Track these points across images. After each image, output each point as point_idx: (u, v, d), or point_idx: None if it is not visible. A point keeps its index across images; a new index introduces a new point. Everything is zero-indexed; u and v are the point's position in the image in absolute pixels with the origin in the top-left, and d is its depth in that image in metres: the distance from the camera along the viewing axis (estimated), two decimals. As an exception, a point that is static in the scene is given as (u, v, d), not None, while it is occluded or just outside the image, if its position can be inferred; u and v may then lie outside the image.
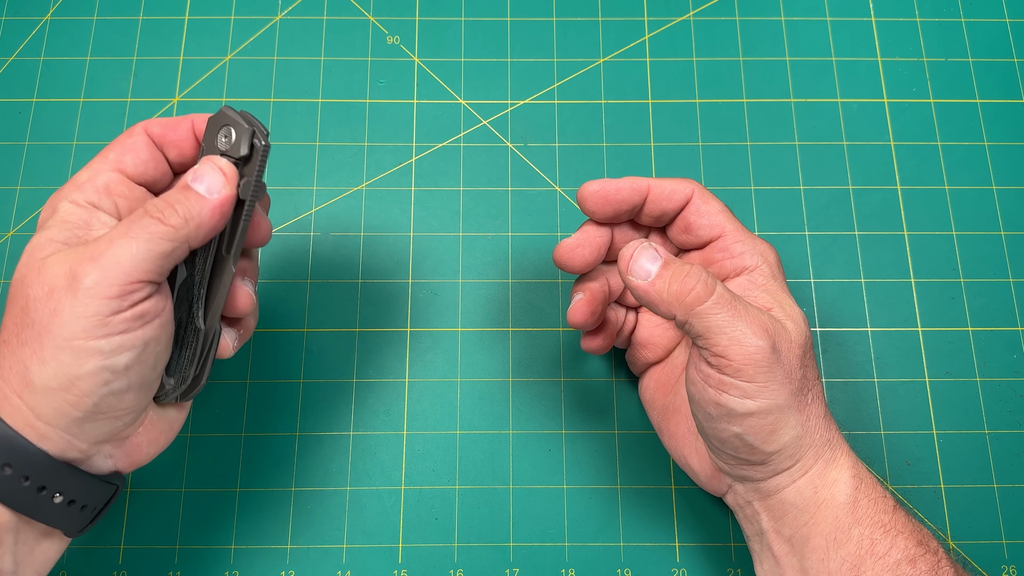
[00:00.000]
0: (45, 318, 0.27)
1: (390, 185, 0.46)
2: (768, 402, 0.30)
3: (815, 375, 0.33)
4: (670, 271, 0.31)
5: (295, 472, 0.41)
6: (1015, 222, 0.45)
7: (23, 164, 0.46)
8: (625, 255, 0.32)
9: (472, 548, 0.40)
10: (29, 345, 0.27)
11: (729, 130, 0.47)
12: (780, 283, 0.34)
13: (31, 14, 0.49)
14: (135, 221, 0.28)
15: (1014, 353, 0.43)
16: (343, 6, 0.49)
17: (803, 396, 0.31)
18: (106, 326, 0.27)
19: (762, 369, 0.30)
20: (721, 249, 0.35)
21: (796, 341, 0.31)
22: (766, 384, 0.30)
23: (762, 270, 0.34)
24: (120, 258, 0.27)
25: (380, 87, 0.48)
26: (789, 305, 0.33)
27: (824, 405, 0.33)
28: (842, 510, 0.31)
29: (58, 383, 0.27)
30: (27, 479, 0.27)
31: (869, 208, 0.46)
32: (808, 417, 0.31)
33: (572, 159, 0.46)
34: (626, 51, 0.49)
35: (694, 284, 0.31)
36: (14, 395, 0.27)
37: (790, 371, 0.31)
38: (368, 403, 0.42)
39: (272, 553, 0.40)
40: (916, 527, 0.32)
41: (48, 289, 0.27)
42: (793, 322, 0.32)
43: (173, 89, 0.47)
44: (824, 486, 0.32)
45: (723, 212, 0.35)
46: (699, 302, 0.30)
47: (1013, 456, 0.42)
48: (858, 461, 0.33)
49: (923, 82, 0.48)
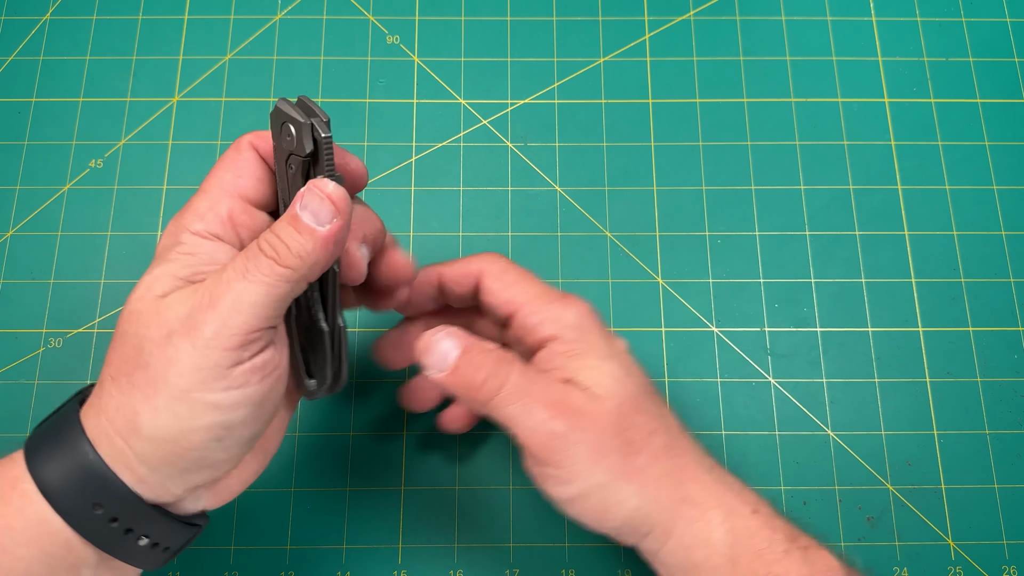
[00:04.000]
0: (161, 365, 0.25)
1: (390, 185, 0.46)
2: (584, 484, 0.29)
3: (649, 431, 0.30)
4: (465, 360, 0.30)
5: (295, 472, 0.41)
6: (1016, 222, 0.45)
7: (22, 164, 0.46)
8: (419, 346, 0.31)
9: (472, 548, 0.40)
10: (141, 390, 0.26)
11: (729, 130, 0.47)
12: (588, 343, 0.31)
13: (30, 14, 0.49)
14: (251, 259, 0.26)
15: (1015, 353, 0.43)
16: (343, 5, 0.49)
17: (630, 463, 0.29)
18: (225, 379, 0.26)
19: (565, 454, 0.29)
20: (519, 326, 0.32)
21: (606, 408, 0.29)
22: (574, 467, 0.29)
23: (563, 337, 0.31)
24: (240, 304, 0.26)
25: (380, 87, 0.48)
26: (596, 367, 0.30)
27: (672, 459, 0.30)
28: (723, 570, 0.29)
29: (169, 434, 0.26)
30: (115, 520, 0.26)
31: (870, 208, 0.46)
32: (644, 484, 0.29)
33: (572, 159, 0.46)
34: (626, 51, 0.49)
35: (484, 377, 0.29)
36: (118, 437, 0.26)
37: (599, 445, 0.29)
38: (368, 403, 0.42)
39: (272, 553, 0.40)
40: (813, 569, 0.29)
41: (166, 332, 0.26)
42: (601, 387, 0.30)
43: (172, 89, 0.47)
44: (696, 547, 0.29)
45: (516, 285, 0.32)
46: (491, 396, 0.29)
47: (1014, 456, 0.41)
48: (735, 510, 0.30)
49: (924, 82, 0.48)
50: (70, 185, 0.45)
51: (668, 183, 0.46)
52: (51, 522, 0.26)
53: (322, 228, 0.27)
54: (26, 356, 0.42)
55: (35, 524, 0.26)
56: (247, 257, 0.27)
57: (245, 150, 0.29)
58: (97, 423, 0.26)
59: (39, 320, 0.43)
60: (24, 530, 0.25)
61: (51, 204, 0.45)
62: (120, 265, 0.44)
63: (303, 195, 0.27)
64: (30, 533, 0.26)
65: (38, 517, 0.26)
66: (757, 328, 0.44)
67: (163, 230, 0.29)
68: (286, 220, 0.27)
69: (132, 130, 0.46)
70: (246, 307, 0.26)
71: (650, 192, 0.46)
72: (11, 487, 0.26)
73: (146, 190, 0.45)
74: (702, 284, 0.44)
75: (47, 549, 0.26)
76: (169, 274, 0.27)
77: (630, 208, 0.46)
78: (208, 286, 0.26)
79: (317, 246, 0.27)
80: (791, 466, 0.41)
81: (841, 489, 0.41)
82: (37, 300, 0.43)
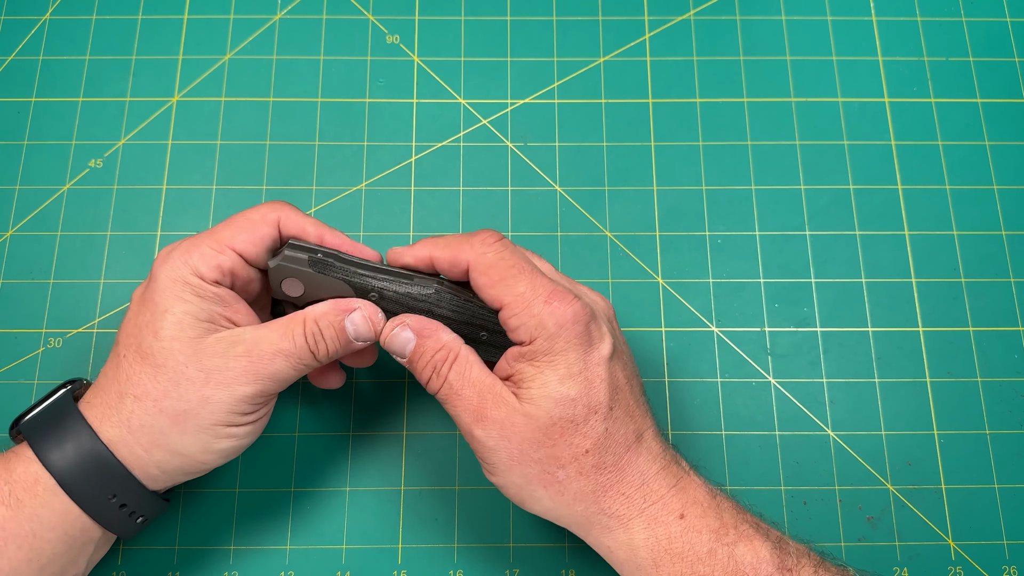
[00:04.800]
0: (196, 403, 0.31)
1: (390, 185, 0.46)
2: (501, 479, 0.32)
3: (582, 450, 0.31)
4: (416, 355, 0.33)
5: (295, 472, 0.41)
6: (1016, 222, 0.45)
7: (22, 164, 0.46)
8: (383, 334, 0.34)
9: (472, 548, 0.40)
10: (170, 416, 0.31)
11: (729, 130, 0.47)
12: (554, 356, 0.31)
13: (30, 13, 0.49)
14: (295, 339, 0.33)
15: (1015, 353, 0.43)
16: (342, 5, 0.49)
17: (550, 474, 0.31)
18: (245, 417, 0.33)
19: (483, 453, 0.32)
20: (504, 323, 0.33)
21: (532, 426, 0.31)
22: (494, 464, 0.32)
23: (536, 344, 0.32)
24: (277, 376, 0.32)
25: (380, 86, 0.48)
26: (546, 383, 0.31)
27: (600, 476, 0.31)
28: (647, 571, 0.31)
29: (189, 453, 0.32)
30: (124, 506, 0.32)
31: (870, 208, 0.46)
32: (561, 493, 0.32)
33: (572, 159, 0.46)
34: (626, 50, 0.49)
35: (429, 373, 0.33)
36: (140, 448, 0.32)
37: (517, 455, 0.31)
38: (368, 403, 0.42)
39: (272, 553, 0.40)
40: (737, 569, 0.30)
41: (205, 377, 0.31)
42: (540, 405, 0.31)
43: (172, 88, 0.47)
44: (617, 548, 0.32)
45: (499, 283, 0.32)
46: (435, 390, 0.33)
47: (1014, 456, 0.41)
48: (658, 518, 0.31)
49: (924, 81, 0.48)
50: (70, 185, 0.45)
51: (668, 183, 0.46)
52: (71, 511, 0.31)
53: (357, 343, 0.34)
54: (26, 356, 0.42)
55: (59, 513, 0.31)
56: (288, 337, 0.33)
57: (269, 225, 0.34)
58: (118, 433, 0.32)
59: (39, 320, 0.43)
60: (50, 518, 0.31)
61: (51, 204, 0.45)
62: (120, 265, 0.44)
63: (358, 313, 0.34)
64: (55, 520, 0.31)
65: (62, 507, 0.31)
66: (757, 328, 0.44)
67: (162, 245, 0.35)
68: (334, 325, 0.33)
69: (132, 130, 0.46)
70: (280, 381, 0.33)
71: (650, 192, 0.46)
72: (34, 482, 0.31)
73: (146, 190, 0.45)
74: (702, 284, 0.44)
75: (68, 531, 0.32)
76: (191, 316, 0.32)
77: (630, 208, 0.46)
78: (247, 348, 0.32)
79: (343, 351, 0.34)
80: (791, 466, 0.41)
81: (841, 489, 0.41)
82: (37, 300, 0.43)
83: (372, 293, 0.34)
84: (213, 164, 0.46)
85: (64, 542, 0.32)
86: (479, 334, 0.35)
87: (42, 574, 0.31)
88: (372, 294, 0.34)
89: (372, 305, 0.34)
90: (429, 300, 0.34)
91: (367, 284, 0.34)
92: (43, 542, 0.31)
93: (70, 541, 0.32)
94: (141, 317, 0.33)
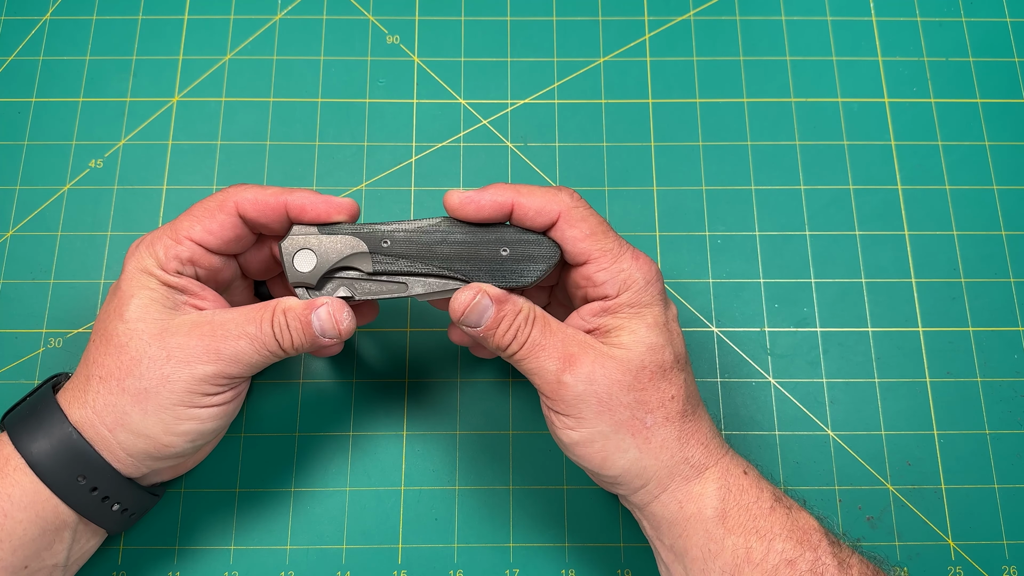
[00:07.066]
0: (156, 381, 0.32)
1: (390, 185, 0.46)
2: (587, 431, 0.32)
3: (669, 396, 0.32)
4: (495, 320, 0.33)
5: (295, 472, 0.41)
6: (1016, 222, 0.45)
7: (22, 164, 0.46)
8: (456, 308, 0.33)
9: (472, 548, 0.40)
10: (132, 395, 0.32)
11: (729, 130, 0.47)
12: (641, 308, 0.33)
13: (30, 13, 0.49)
14: (261, 324, 0.32)
15: (1015, 353, 0.43)
16: (343, 5, 0.49)
17: (639, 420, 0.32)
18: (208, 399, 0.33)
19: (571, 401, 0.32)
20: (585, 276, 0.34)
21: (623, 368, 0.32)
22: (581, 414, 0.32)
23: (623, 297, 0.33)
24: (239, 357, 0.32)
25: (380, 87, 0.48)
26: (635, 331, 0.33)
27: (684, 424, 0.32)
28: (712, 523, 0.32)
29: (152, 434, 0.32)
30: (95, 490, 0.32)
31: (870, 208, 0.46)
32: (648, 440, 0.32)
33: (572, 159, 0.46)
34: (626, 51, 0.49)
35: (510, 340, 0.32)
36: (104, 429, 0.32)
37: (607, 399, 0.31)
38: (368, 403, 0.42)
39: (272, 553, 0.40)
40: (795, 526, 0.32)
41: (166, 355, 0.32)
42: (631, 349, 0.32)
43: (172, 89, 0.47)
44: (689, 501, 0.32)
45: (591, 237, 0.33)
46: (515, 351, 0.33)
47: (1014, 456, 0.41)
48: (729, 470, 0.33)
49: (924, 82, 0.48)
50: (70, 185, 0.45)
51: (668, 183, 0.46)
52: (41, 492, 0.32)
53: (323, 339, 0.34)
54: (26, 356, 0.42)
55: (30, 493, 0.31)
56: (255, 323, 0.32)
57: (227, 212, 0.34)
58: (84, 414, 0.32)
59: (39, 320, 0.43)
60: (21, 498, 0.31)
61: (51, 204, 0.45)
62: (120, 265, 0.44)
63: (323, 309, 0.33)
64: (26, 500, 0.31)
65: (32, 487, 0.32)
66: (757, 328, 0.44)
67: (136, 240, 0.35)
68: (300, 318, 0.33)
69: (132, 130, 0.46)
70: (244, 361, 0.32)
71: (650, 192, 0.46)
72: (6, 462, 0.32)
73: (146, 190, 0.45)
74: (702, 284, 0.44)
75: (40, 513, 0.32)
76: (156, 302, 0.33)
77: (630, 208, 0.46)
78: (212, 328, 0.32)
79: (313, 347, 0.34)
80: (791, 466, 0.41)
81: (841, 489, 0.41)
82: (37, 300, 0.43)
83: (384, 240, 0.34)
84: (213, 164, 0.46)
85: (37, 525, 0.32)
86: (500, 251, 0.34)
87: (14, 556, 0.31)
88: (384, 241, 0.34)
89: (339, 302, 0.34)
90: (440, 229, 0.34)
91: (377, 231, 0.34)
92: (14, 522, 0.31)
93: (43, 524, 0.32)
94: (110, 304, 0.34)
